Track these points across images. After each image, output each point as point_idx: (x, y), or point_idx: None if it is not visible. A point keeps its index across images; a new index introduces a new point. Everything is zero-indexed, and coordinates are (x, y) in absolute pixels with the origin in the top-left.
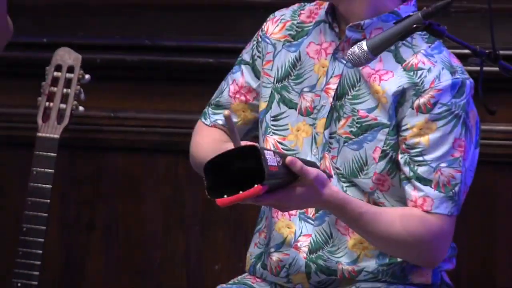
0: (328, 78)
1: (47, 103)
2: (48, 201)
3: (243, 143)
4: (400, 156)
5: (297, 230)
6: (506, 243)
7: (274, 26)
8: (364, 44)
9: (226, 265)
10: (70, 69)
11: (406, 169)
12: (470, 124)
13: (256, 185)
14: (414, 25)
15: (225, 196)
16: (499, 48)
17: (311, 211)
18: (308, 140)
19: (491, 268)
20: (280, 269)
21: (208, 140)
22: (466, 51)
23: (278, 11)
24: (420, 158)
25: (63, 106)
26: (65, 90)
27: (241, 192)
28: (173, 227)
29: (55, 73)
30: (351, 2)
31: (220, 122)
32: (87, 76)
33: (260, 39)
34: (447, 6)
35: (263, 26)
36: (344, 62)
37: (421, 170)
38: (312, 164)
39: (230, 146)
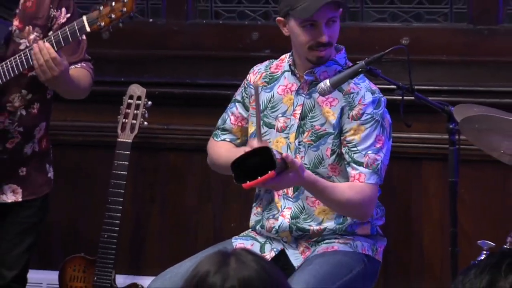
0: (294, 106)
1: (124, 120)
2: (124, 182)
3: (255, 143)
4: (342, 148)
5: (282, 205)
6: (416, 209)
7: (255, 77)
8: (327, 82)
9: (238, 224)
10: (139, 98)
11: (346, 156)
12: (385, 125)
13: (270, 172)
14: (360, 69)
15: (247, 181)
16: (414, 84)
17: (291, 193)
18: (284, 148)
19: (407, 225)
20: (271, 229)
21: (223, 149)
22: (393, 86)
23: (256, 66)
24: (355, 149)
25: (134, 121)
26: (135, 111)
27: (259, 177)
28: (204, 200)
29: (129, 101)
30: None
31: (227, 140)
32: (149, 103)
33: (246, 86)
34: (380, 58)
35: (247, 77)
36: (304, 95)
37: (355, 156)
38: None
39: (238, 152)
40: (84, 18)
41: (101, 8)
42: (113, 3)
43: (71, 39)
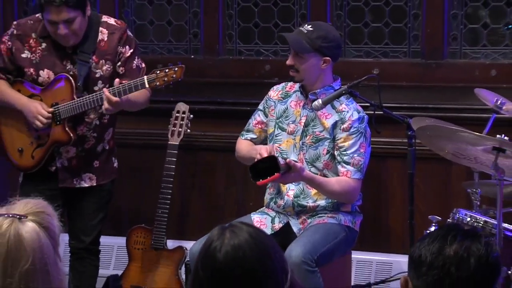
0: (301, 117)
1: (173, 128)
2: (173, 173)
3: (264, 148)
4: (335, 151)
5: (287, 187)
6: (384, 193)
7: (274, 93)
8: (320, 100)
9: (255, 203)
10: (183, 112)
11: (338, 157)
12: (367, 136)
13: (276, 174)
14: (343, 91)
15: (260, 180)
16: (382, 102)
17: None
18: (292, 146)
19: (378, 205)
20: (280, 205)
21: (244, 146)
22: (367, 104)
23: (276, 85)
24: (344, 152)
25: (180, 129)
26: (181, 122)
27: (268, 177)
28: (230, 185)
29: (176, 114)
30: (314, 83)
31: (249, 138)
32: (191, 116)
33: (267, 99)
34: (358, 83)
35: (268, 92)
36: (308, 109)
37: (345, 157)
38: (296, 161)
39: (255, 149)
40: (145, 77)
41: (158, 72)
42: (167, 70)
43: (134, 90)
